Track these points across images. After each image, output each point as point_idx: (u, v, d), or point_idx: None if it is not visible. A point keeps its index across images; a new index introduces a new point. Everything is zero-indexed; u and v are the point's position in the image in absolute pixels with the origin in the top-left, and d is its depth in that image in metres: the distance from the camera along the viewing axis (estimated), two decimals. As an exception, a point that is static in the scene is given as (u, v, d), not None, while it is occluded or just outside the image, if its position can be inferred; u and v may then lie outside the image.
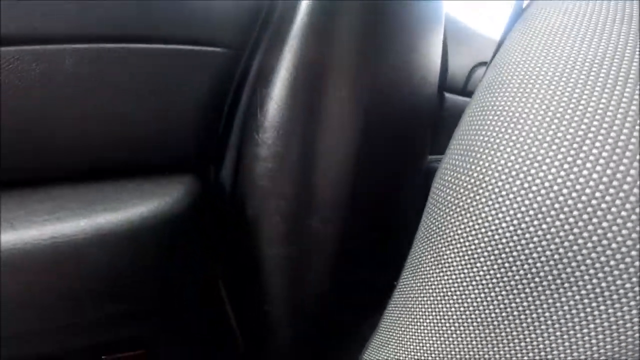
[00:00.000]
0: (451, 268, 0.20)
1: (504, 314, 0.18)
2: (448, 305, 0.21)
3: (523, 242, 0.17)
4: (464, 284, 0.20)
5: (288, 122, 0.36)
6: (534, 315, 0.18)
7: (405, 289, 0.24)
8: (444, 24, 0.55)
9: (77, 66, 0.33)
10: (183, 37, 0.37)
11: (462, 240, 0.20)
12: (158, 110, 0.37)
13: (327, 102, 0.37)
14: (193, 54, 0.37)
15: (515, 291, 0.18)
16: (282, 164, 0.37)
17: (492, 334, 0.19)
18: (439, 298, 0.21)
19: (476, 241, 0.19)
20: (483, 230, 0.19)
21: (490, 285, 0.19)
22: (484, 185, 0.19)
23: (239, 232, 0.41)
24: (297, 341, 0.45)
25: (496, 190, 0.19)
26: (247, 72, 0.39)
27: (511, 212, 0.18)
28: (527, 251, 0.17)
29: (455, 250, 0.20)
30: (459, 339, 0.20)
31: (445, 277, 0.21)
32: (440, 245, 0.21)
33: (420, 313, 0.22)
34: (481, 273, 0.19)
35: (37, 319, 0.32)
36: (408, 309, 0.23)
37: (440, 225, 0.22)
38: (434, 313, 0.21)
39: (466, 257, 0.20)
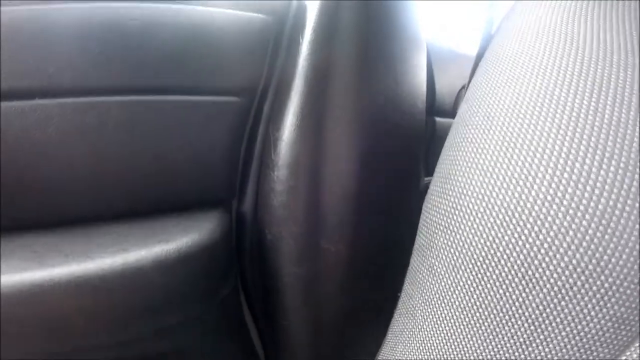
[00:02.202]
0: (440, 277, 0.25)
1: (485, 314, 0.22)
2: (441, 309, 0.25)
3: (492, 252, 0.22)
4: (452, 289, 0.24)
5: (297, 161, 0.43)
6: (510, 313, 0.21)
7: (406, 297, 0.30)
8: (429, 50, 0.61)
9: (120, 116, 0.40)
10: (202, 88, 0.44)
11: (446, 253, 0.25)
12: (186, 154, 0.44)
13: (329, 139, 0.44)
14: (212, 103, 0.44)
15: (491, 292, 0.22)
16: (294, 195, 0.43)
17: (479, 332, 0.23)
18: (433, 302, 0.26)
19: (457, 254, 0.24)
20: (461, 244, 0.23)
21: (472, 289, 0.23)
22: (459, 208, 0.24)
23: (260, 254, 0.47)
24: (314, 353, 0.52)
25: (468, 212, 0.23)
26: (259, 116, 0.46)
27: (480, 228, 0.22)
28: (495, 259, 0.22)
29: (443, 262, 0.25)
30: (452, 337, 0.24)
31: (437, 285, 0.25)
32: (431, 259, 0.27)
33: (420, 316, 0.27)
34: (464, 279, 0.23)
35: (97, 336, 0.39)
36: (410, 314, 0.29)
37: (429, 242, 0.27)
38: (430, 316, 0.26)
39: (451, 267, 0.24)
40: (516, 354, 0.21)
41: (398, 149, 0.50)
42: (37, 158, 0.38)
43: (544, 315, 0.20)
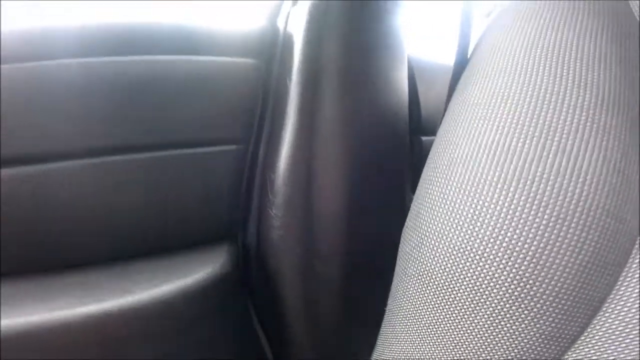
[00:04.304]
0: (412, 298, 0.30)
1: (446, 327, 0.26)
2: (413, 323, 0.29)
3: (450, 282, 0.26)
4: (422, 309, 0.29)
5: (292, 199, 0.48)
6: (464, 329, 0.25)
7: (389, 312, 0.36)
8: (412, 65, 0.64)
9: (130, 174, 0.45)
10: (202, 140, 0.49)
11: (415, 280, 0.29)
12: (194, 199, 0.49)
13: (319, 177, 0.49)
14: (212, 153, 0.49)
15: (449, 313, 0.26)
16: (290, 230, 0.49)
17: (442, 342, 0.27)
18: (407, 318, 0.30)
19: (424, 281, 0.28)
20: (427, 274, 0.28)
21: (436, 309, 0.27)
22: (424, 244, 0.28)
23: (264, 278, 0.53)
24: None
25: (432, 248, 0.27)
26: (255, 160, 0.51)
27: (442, 264, 0.26)
28: (453, 288, 0.26)
29: (414, 286, 0.29)
30: (422, 347, 0.29)
31: (410, 305, 0.30)
32: (405, 283, 0.31)
33: (399, 328, 0.32)
34: (430, 301, 0.28)
35: (137, 354, 0.46)
36: (392, 325, 0.34)
37: (404, 268, 0.31)
38: (406, 328, 0.30)
39: (420, 292, 0.29)
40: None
41: (383, 172, 0.54)
42: (61, 213, 0.44)
43: (490, 330, 0.25)
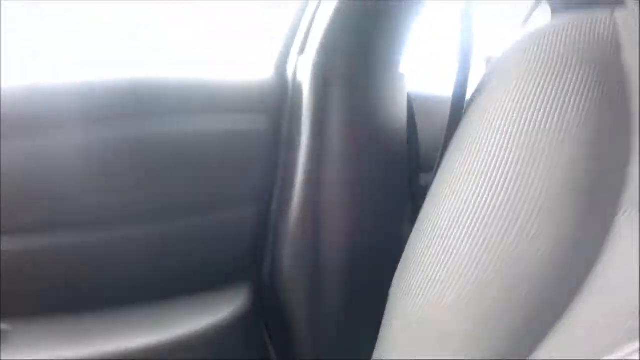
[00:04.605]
0: (395, 332, 0.33)
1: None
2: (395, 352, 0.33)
3: (424, 325, 0.29)
4: (401, 339, 0.32)
5: (300, 247, 0.55)
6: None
7: (381, 337, 0.38)
8: (411, 102, 0.68)
9: (160, 241, 0.53)
10: (218, 202, 0.54)
11: (402, 311, 0.33)
12: (217, 250, 0.56)
13: (325, 224, 0.54)
14: (231, 214, 0.55)
15: (420, 346, 0.29)
16: (299, 275, 0.56)
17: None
18: (391, 346, 0.33)
19: (403, 320, 0.32)
20: (405, 315, 0.32)
21: (412, 342, 0.30)
22: (408, 294, 0.31)
23: (277, 307, 0.59)
24: None
25: (412, 298, 0.31)
26: (268, 219, 0.58)
27: (417, 309, 0.30)
28: (425, 330, 0.29)
29: (400, 317, 0.33)
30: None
31: (393, 335, 0.33)
32: (393, 313, 0.34)
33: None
34: (409, 335, 0.31)
35: None
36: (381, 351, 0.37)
37: (393, 305, 0.35)
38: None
39: (401, 328, 0.32)
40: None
41: (384, 215, 0.59)
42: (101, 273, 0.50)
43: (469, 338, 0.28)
